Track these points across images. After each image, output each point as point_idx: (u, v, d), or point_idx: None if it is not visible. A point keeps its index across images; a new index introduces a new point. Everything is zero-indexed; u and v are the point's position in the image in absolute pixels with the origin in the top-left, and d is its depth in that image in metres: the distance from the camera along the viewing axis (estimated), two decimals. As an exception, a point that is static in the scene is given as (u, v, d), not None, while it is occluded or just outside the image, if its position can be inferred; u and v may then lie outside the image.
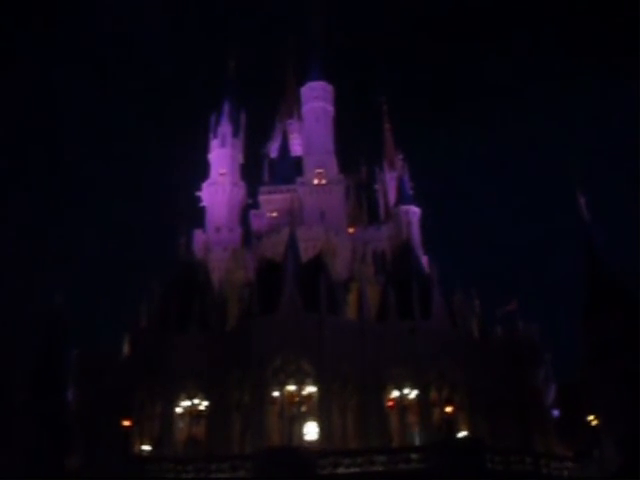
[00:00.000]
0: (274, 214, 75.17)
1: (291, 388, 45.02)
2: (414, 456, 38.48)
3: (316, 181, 72.71)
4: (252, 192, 79.47)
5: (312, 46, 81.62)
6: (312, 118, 77.29)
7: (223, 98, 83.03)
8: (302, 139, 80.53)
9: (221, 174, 77.63)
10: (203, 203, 76.98)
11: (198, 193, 77.11)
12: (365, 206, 77.44)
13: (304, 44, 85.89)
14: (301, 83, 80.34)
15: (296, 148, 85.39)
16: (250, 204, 78.96)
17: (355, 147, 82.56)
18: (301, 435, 44.01)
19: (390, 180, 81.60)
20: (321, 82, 78.42)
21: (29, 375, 52.23)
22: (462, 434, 46.00)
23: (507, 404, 48.24)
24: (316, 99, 77.53)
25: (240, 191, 77.57)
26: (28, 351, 54.72)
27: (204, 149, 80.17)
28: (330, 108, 78.14)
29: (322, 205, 70.72)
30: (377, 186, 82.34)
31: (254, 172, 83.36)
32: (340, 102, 79.35)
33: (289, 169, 78.85)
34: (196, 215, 76.31)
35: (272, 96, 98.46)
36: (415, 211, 72.71)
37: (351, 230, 72.60)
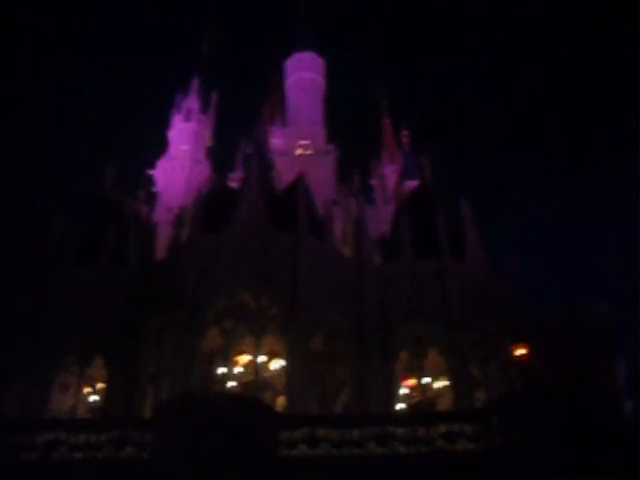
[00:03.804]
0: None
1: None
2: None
3: (299, 151, 57.31)
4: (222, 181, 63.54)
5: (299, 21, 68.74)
6: (297, 89, 62.80)
7: (192, 75, 69.11)
8: (285, 113, 65.49)
9: (182, 150, 62.29)
10: (156, 187, 60.93)
11: (151, 172, 61.20)
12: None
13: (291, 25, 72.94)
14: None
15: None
16: (216, 191, 62.72)
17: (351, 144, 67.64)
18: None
19: (390, 174, 66.45)
20: (309, 53, 64.55)
21: None
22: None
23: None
24: (303, 69, 63.48)
25: (203, 170, 61.43)
26: None
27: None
28: (321, 80, 63.90)
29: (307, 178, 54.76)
30: (374, 182, 67.01)
31: (228, 164, 68.02)
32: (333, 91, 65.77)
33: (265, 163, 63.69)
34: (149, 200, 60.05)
35: (256, 90, 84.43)
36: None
37: None
